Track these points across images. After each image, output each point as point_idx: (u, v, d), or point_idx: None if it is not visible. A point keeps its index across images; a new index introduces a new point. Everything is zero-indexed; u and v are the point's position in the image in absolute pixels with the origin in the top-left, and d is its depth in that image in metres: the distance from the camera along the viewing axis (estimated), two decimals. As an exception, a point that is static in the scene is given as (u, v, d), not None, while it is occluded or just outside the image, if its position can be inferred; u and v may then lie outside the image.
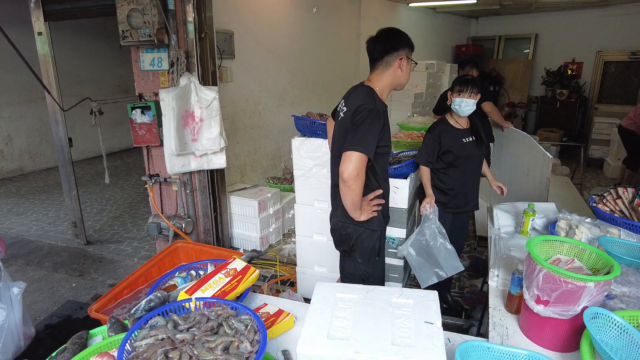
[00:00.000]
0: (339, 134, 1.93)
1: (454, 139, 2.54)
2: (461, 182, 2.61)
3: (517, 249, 1.86)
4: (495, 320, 1.49)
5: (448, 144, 2.53)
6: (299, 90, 5.39)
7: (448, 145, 2.52)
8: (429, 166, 2.58)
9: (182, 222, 3.39)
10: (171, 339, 1.15)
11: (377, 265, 2.10)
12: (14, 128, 6.66)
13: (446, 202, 2.63)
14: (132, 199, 5.52)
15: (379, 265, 2.11)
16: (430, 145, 2.54)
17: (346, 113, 1.87)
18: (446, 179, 2.60)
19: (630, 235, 1.73)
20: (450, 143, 2.53)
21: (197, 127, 3.12)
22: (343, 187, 1.76)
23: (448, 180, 2.60)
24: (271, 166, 5.11)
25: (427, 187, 2.59)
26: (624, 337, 1.09)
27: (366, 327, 1.18)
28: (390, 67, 1.86)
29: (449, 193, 2.62)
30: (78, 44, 7.20)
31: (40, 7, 3.49)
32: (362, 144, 1.70)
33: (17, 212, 5.02)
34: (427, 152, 2.55)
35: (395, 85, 1.96)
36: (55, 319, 2.90)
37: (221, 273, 1.51)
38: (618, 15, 7.71)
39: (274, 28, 4.81)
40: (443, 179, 2.61)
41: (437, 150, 2.54)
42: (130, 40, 2.94)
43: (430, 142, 2.54)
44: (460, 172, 2.58)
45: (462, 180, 2.61)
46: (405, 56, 1.87)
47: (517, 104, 9.08)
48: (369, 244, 1.99)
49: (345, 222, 1.96)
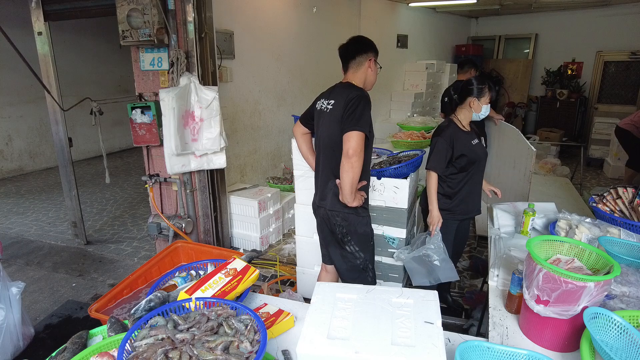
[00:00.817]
0: (329, 125, 2.09)
1: (465, 143, 2.45)
2: (470, 187, 2.53)
3: (517, 249, 1.86)
4: (495, 320, 1.49)
5: (461, 148, 2.42)
6: (299, 90, 5.39)
7: (461, 150, 2.42)
8: (440, 173, 2.46)
9: (182, 222, 3.39)
10: (171, 338, 1.15)
11: (373, 251, 2.30)
12: (14, 128, 6.66)
13: (453, 209, 2.53)
14: (132, 199, 5.52)
15: (373, 251, 2.31)
16: (444, 151, 2.40)
17: (335, 105, 2.06)
18: (455, 184, 2.50)
19: (630, 235, 1.73)
20: (463, 147, 2.43)
21: (197, 127, 3.12)
22: (346, 165, 1.94)
23: (457, 185, 2.50)
24: (271, 166, 5.10)
25: (435, 201, 2.46)
26: (624, 337, 1.09)
27: (366, 327, 1.18)
28: (362, 66, 2.13)
29: (458, 199, 2.53)
30: (78, 44, 7.20)
31: (40, 7, 3.49)
32: (360, 124, 1.93)
33: (17, 212, 5.02)
34: (440, 157, 2.41)
35: (366, 84, 2.17)
36: (55, 318, 2.90)
37: (221, 273, 1.51)
38: (618, 15, 7.71)
39: (274, 28, 4.81)
40: (452, 185, 2.50)
41: (449, 155, 2.42)
42: (130, 40, 2.94)
43: (444, 147, 2.40)
44: (469, 176, 2.50)
45: (471, 184, 2.53)
46: (373, 58, 2.15)
47: (517, 104, 9.08)
48: (362, 229, 2.18)
49: (334, 210, 2.13)
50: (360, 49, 2.12)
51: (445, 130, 2.45)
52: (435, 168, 2.43)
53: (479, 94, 2.43)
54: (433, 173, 2.44)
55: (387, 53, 7.11)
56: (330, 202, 2.14)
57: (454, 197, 2.53)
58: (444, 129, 2.47)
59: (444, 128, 2.47)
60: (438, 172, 2.44)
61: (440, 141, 2.42)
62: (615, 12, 7.72)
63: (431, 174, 2.44)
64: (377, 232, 2.76)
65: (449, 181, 2.50)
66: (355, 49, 2.12)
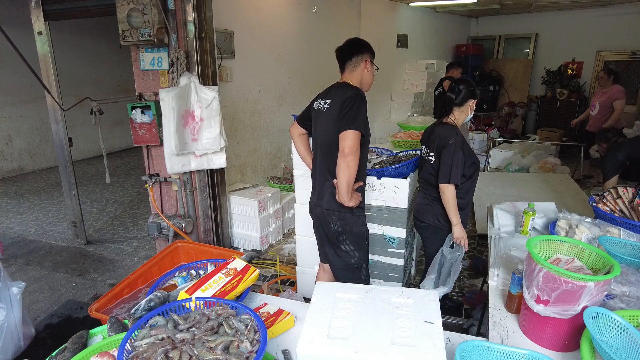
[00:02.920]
0: (326, 124, 2.11)
1: (469, 148, 2.34)
2: (472, 193, 2.45)
3: (517, 248, 1.86)
4: (495, 319, 1.49)
5: (470, 154, 2.31)
6: (299, 90, 5.39)
7: (471, 157, 2.32)
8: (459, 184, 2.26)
9: (182, 222, 3.39)
10: (171, 338, 1.15)
11: (367, 251, 2.32)
12: (14, 128, 6.66)
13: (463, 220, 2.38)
14: (132, 199, 5.53)
15: (368, 250, 2.33)
16: (462, 160, 2.22)
17: (332, 104, 2.09)
18: (464, 193, 2.36)
19: (630, 235, 1.73)
20: (471, 153, 2.32)
21: (197, 126, 3.12)
22: (342, 164, 1.96)
23: (466, 194, 2.39)
24: (271, 166, 5.11)
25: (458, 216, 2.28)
26: (624, 337, 1.09)
27: (366, 327, 1.18)
28: (358, 67, 2.15)
29: (467, 207, 2.43)
30: (78, 44, 7.20)
31: (40, 7, 3.48)
32: (356, 123, 1.96)
33: (17, 212, 5.02)
34: (459, 169, 2.21)
35: (363, 84, 2.19)
36: (55, 318, 2.90)
37: (221, 273, 1.51)
38: (618, 15, 7.71)
39: (274, 28, 4.81)
40: (462, 194, 2.34)
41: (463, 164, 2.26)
42: (130, 40, 2.94)
43: (462, 157, 2.22)
44: (472, 182, 2.39)
45: (473, 190, 2.45)
46: (369, 59, 2.17)
47: (517, 103, 9.08)
48: (358, 229, 2.20)
49: (331, 210, 2.16)
50: (356, 50, 2.15)
51: (456, 137, 2.24)
52: (457, 180, 2.22)
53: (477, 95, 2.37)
54: (452, 186, 2.23)
55: (387, 53, 7.12)
56: (327, 201, 2.16)
57: (465, 207, 2.40)
58: (452, 136, 2.25)
59: (453, 135, 2.25)
60: (458, 183, 2.24)
61: (457, 151, 2.21)
62: (615, 12, 7.72)
63: (450, 187, 2.23)
64: (377, 232, 2.76)
65: (459, 191, 2.31)
66: (351, 50, 2.16)
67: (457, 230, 2.31)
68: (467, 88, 2.33)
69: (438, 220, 2.39)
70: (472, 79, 5.85)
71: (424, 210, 2.46)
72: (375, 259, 2.83)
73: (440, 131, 2.32)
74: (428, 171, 2.42)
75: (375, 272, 2.84)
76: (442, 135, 2.29)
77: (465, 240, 2.33)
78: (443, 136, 2.28)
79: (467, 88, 2.33)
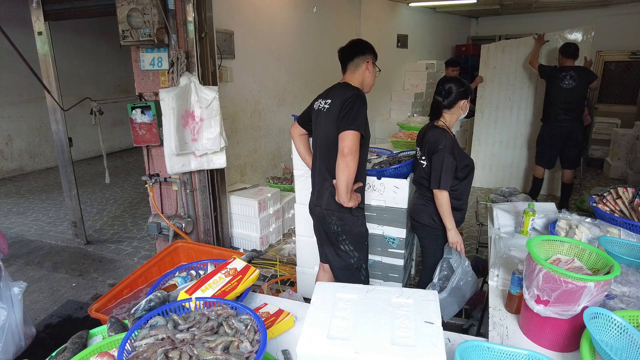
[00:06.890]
0: (326, 124, 2.12)
1: (461, 150, 2.29)
2: (467, 194, 2.41)
3: (517, 248, 1.86)
4: (495, 320, 1.49)
5: (463, 157, 2.27)
6: (299, 90, 5.39)
7: (464, 159, 2.27)
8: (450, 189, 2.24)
9: (182, 222, 3.39)
10: (171, 338, 1.15)
11: (367, 251, 2.33)
12: (14, 128, 6.66)
13: (459, 220, 2.36)
14: (132, 199, 5.52)
15: (367, 250, 2.34)
16: (453, 166, 2.19)
17: (332, 104, 2.09)
18: (459, 194, 2.33)
19: (630, 235, 1.73)
20: (463, 156, 2.27)
21: (197, 126, 3.12)
22: (342, 164, 1.96)
23: (462, 195, 2.35)
24: (271, 166, 5.11)
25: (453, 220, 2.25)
26: (624, 337, 1.09)
27: (366, 327, 1.18)
28: (360, 67, 2.16)
29: (462, 208, 2.39)
30: (78, 44, 7.20)
31: (40, 7, 3.49)
32: (356, 123, 1.96)
33: (17, 212, 5.02)
34: (450, 175, 2.20)
35: (364, 85, 2.19)
36: (55, 318, 2.90)
37: (221, 273, 1.51)
38: (618, 15, 7.70)
39: (274, 28, 4.81)
40: (457, 195, 2.32)
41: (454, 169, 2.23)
42: (130, 40, 2.94)
43: (452, 161, 2.19)
44: (467, 183, 2.35)
45: (468, 191, 2.41)
46: (371, 60, 2.17)
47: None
48: (357, 229, 2.20)
49: (330, 210, 2.15)
50: (359, 51, 2.15)
51: (446, 142, 2.20)
52: (447, 186, 2.20)
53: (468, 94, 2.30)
54: (445, 192, 2.21)
55: (387, 53, 7.11)
56: (327, 201, 2.16)
57: (461, 208, 2.37)
58: (442, 141, 2.21)
59: (442, 140, 2.22)
60: (448, 190, 2.22)
61: (447, 156, 2.18)
62: (615, 12, 7.71)
63: (443, 193, 2.21)
64: (377, 232, 2.76)
65: (454, 193, 2.29)
66: (354, 51, 2.16)
67: (451, 235, 2.27)
68: (457, 89, 2.25)
69: (433, 220, 2.36)
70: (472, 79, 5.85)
71: (420, 210, 2.44)
72: (375, 259, 2.84)
73: (431, 135, 2.29)
74: (420, 174, 2.39)
75: (375, 272, 2.84)
76: (432, 139, 2.26)
77: (461, 244, 2.28)
78: (433, 140, 2.25)
79: (457, 89, 2.25)
